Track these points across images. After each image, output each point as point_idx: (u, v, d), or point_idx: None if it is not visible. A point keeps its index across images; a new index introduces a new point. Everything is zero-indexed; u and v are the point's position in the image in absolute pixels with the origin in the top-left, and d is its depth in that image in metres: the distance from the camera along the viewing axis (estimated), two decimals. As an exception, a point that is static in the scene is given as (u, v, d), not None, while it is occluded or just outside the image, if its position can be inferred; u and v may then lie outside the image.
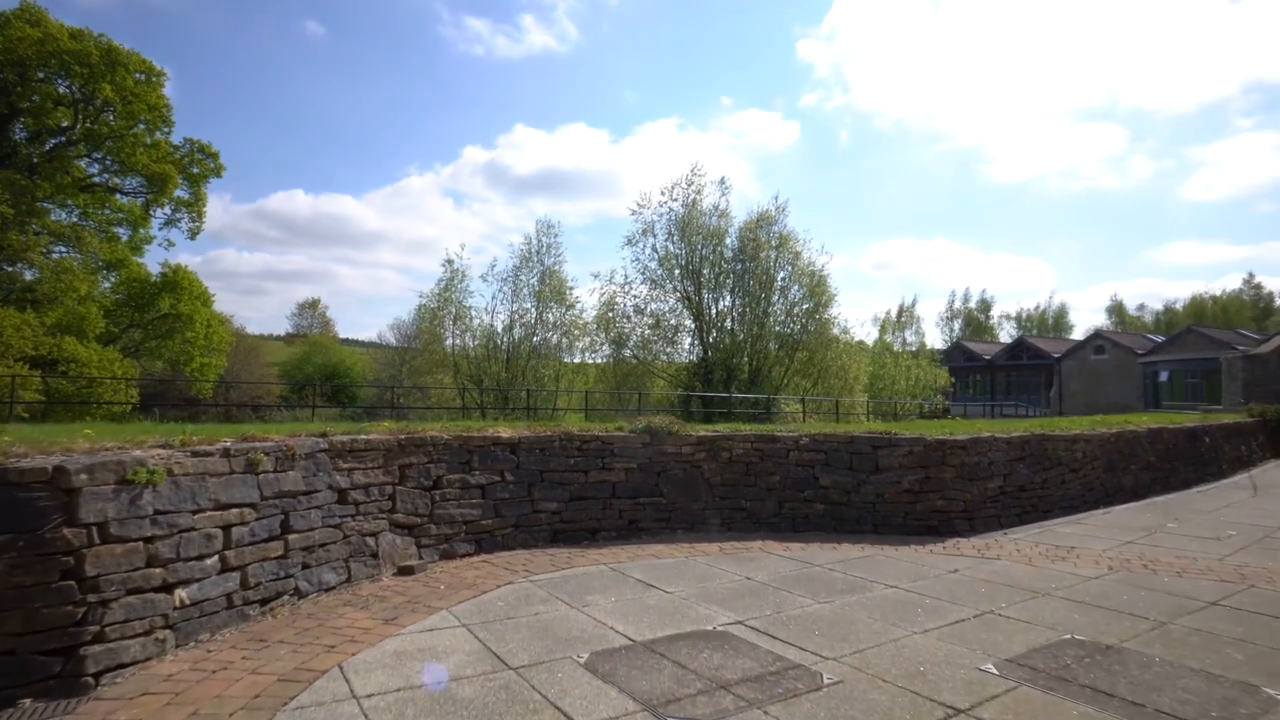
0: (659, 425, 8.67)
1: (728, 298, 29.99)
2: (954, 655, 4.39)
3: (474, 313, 29.81)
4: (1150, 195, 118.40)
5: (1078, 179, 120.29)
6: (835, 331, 30.71)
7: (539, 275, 29.87)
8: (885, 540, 7.91)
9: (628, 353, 30.55)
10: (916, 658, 4.35)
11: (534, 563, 6.80)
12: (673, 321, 30.21)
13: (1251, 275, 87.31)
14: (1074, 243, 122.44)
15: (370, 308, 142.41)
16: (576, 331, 30.68)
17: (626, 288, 29.87)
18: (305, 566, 5.40)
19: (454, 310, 29.69)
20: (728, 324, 29.93)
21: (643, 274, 29.82)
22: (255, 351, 58.66)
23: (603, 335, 30.60)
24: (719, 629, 4.88)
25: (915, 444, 8.51)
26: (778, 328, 29.72)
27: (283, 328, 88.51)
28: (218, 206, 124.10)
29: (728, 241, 29.85)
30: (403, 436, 6.85)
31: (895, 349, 51.09)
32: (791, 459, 8.78)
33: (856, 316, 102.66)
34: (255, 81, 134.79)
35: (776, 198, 30.49)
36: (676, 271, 29.73)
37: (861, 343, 34.88)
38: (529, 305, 29.81)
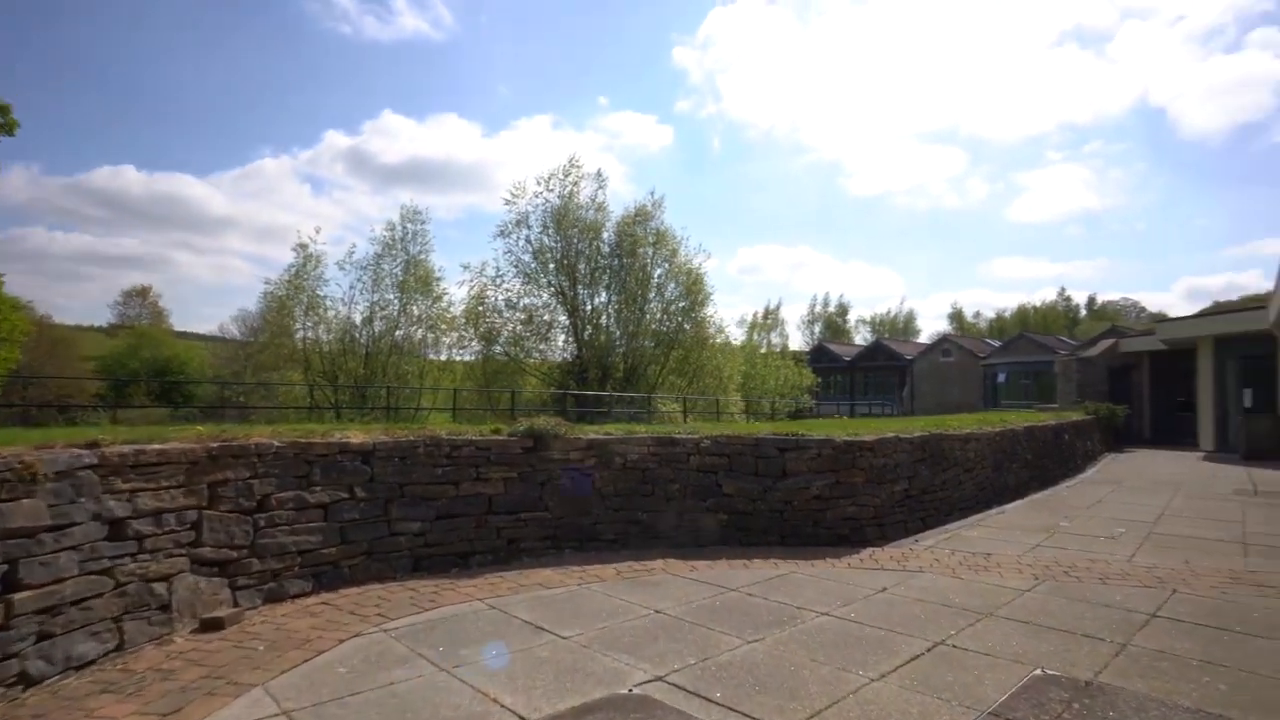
0: (543, 428, 7.47)
1: (604, 294, 29.10)
2: (929, 710, 3.56)
3: (329, 303, 27.24)
4: (983, 214, 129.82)
5: (924, 197, 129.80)
6: (711, 330, 30.64)
7: (403, 265, 27.75)
8: (797, 553, 7.16)
9: (498, 349, 28.92)
10: (887, 718, 3.48)
11: (390, 601, 5.43)
12: (546, 317, 28.93)
13: (1064, 289, 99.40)
14: (920, 254, 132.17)
15: (215, 298, 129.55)
16: (444, 326, 28.76)
17: (498, 281, 28.30)
18: (43, 637, 3.76)
19: (306, 300, 26.96)
20: (603, 320, 29.01)
21: (516, 267, 28.36)
22: (67, 343, 51.38)
23: (472, 331, 28.80)
24: (636, 691, 3.79)
25: (824, 446, 7.84)
26: (654, 325, 29.14)
27: (105, 318, 78.53)
28: (22, 177, 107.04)
29: (605, 236, 28.97)
30: (215, 445, 5.26)
31: (763, 350, 52.37)
32: (692, 464, 7.86)
33: (729, 317, 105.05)
34: (78, 43, 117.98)
35: (653, 193, 29.90)
36: (551, 265, 28.46)
37: (729, 342, 35.09)
38: (391, 296, 27.60)
